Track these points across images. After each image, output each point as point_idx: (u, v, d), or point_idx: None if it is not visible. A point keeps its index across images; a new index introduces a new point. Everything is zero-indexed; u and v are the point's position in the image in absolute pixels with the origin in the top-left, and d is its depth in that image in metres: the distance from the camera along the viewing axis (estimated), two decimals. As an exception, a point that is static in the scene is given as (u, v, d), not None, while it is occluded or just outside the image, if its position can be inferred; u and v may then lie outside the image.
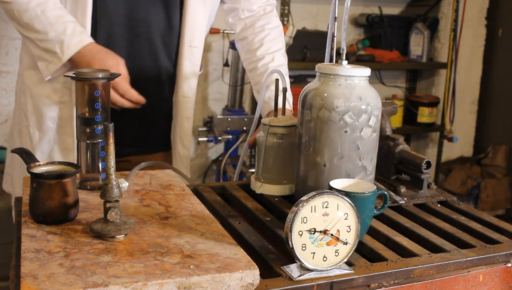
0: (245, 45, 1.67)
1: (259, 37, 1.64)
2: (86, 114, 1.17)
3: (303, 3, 3.46)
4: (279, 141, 1.28)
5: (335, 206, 0.91)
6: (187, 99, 1.59)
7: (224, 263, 0.87)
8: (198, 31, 1.55)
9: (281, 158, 1.29)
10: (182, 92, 1.58)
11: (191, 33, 1.54)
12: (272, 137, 1.28)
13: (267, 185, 1.30)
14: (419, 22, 3.62)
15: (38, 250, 0.89)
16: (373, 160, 1.18)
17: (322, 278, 0.91)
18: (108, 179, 0.94)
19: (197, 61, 1.59)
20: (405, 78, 3.95)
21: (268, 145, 1.28)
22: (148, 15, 1.50)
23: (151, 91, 1.52)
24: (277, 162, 1.29)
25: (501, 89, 3.91)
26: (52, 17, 1.39)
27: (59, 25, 1.39)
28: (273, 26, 1.68)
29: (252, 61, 1.64)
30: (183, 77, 1.57)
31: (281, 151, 1.28)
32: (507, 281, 1.05)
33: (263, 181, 1.30)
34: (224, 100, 3.36)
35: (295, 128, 1.27)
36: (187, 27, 1.53)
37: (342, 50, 1.17)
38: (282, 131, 1.28)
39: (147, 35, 1.52)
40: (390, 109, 1.41)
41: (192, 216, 1.07)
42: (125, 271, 0.83)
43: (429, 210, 1.28)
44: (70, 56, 1.40)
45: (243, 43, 1.69)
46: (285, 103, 1.34)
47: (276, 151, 1.28)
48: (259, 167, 1.31)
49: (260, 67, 1.61)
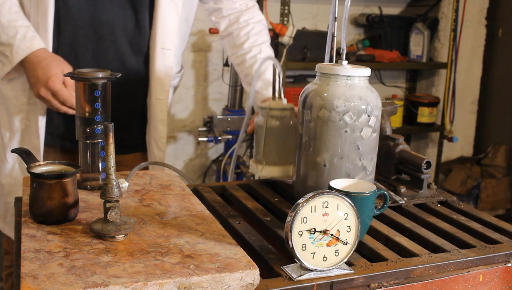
0: (231, 40, 1.69)
1: (244, 31, 1.66)
2: (86, 114, 1.17)
3: (303, 3, 3.46)
4: (278, 123, 1.33)
5: (335, 206, 0.91)
6: (161, 101, 1.59)
7: (224, 263, 0.87)
8: (170, 34, 1.55)
9: (282, 140, 1.34)
10: (156, 94, 1.57)
11: (162, 35, 1.53)
12: (271, 120, 1.34)
13: (269, 167, 1.34)
14: (419, 22, 3.62)
15: (38, 250, 0.89)
16: (373, 160, 1.18)
17: (322, 278, 0.91)
18: (108, 179, 0.94)
19: (170, 63, 1.58)
20: (405, 78, 3.95)
21: (269, 128, 1.33)
22: (113, 17, 1.50)
23: (120, 94, 1.51)
24: (278, 144, 1.34)
25: (501, 89, 3.91)
26: (4, 20, 1.41)
27: (10, 29, 1.40)
28: (257, 20, 1.70)
29: (239, 54, 1.66)
30: (156, 79, 1.56)
31: (281, 133, 1.34)
32: (507, 281, 1.05)
33: (265, 163, 1.34)
34: (224, 100, 3.36)
35: (292, 110, 1.36)
36: (158, 30, 1.52)
37: (342, 50, 1.17)
38: (282, 113, 1.33)
39: (112, 37, 1.51)
40: (390, 109, 1.41)
41: (192, 216, 1.07)
42: (125, 271, 0.83)
43: (429, 210, 1.28)
44: (19, 61, 1.41)
45: (228, 39, 1.71)
46: (280, 88, 1.37)
47: (276, 133, 1.33)
48: (259, 151, 1.36)
49: (248, 59, 1.64)
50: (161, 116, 1.60)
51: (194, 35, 3.19)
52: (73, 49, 1.48)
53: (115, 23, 1.50)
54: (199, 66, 3.26)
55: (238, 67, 1.69)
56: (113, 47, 1.52)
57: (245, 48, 1.65)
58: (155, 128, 1.60)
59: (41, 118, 1.50)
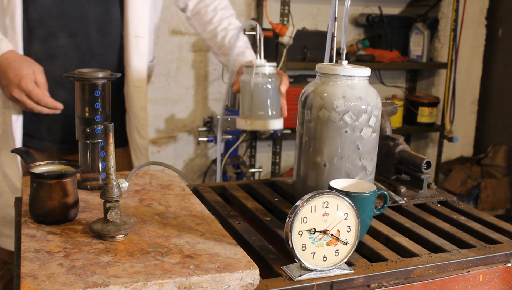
0: (200, 18, 1.74)
1: (211, 7, 1.72)
2: (86, 114, 1.17)
3: (303, 3, 3.46)
4: (263, 79, 1.48)
5: (335, 206, 0.91)
6: (140, 89, 1.60)
7: (224, 263, 0.87)
8: (142, 21, 1.57)
9: (267, 94, 1.46)
10: (134, 82, 1.59)
11: (135, 24, 1.55)
12: (257, 76, 1.48)
13: (257, 121, 1.44)
14: (419, 22, 3.61)
15: (38, 250, 0.89)
16: (373, 160, 1.18)
17: (322, 278, 0.91)
18: (108, 179, 0.94)
19: (145, 50, 1.60)
20: (405, 78, 3.95)
21: (255, 83, 1.45)
22: (83, 12, 1.51)
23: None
24: (263, 99, 1.46)
25: (501, 89, 3.91)
26: None
27: None
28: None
29: (211, 29, 1.71)
30: (132, 67, 1.58)
31: (266, 88, 1.48)
32: (507, 281, 1.05)
33: (254, 118, 1.45)
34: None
35: (276, 67, 1.52)
36: (130, 19, 1.54)
37: (342, 50, 1.17)
38: (266, 70, 1.49)
39: (84, 32, 1.52)
40: (390, 109, 1.41)
41: (192, 216, 1.07)
42: (125, 271, 0.83)
43: (429, 210, 1.28)
44: None
45: (197, 17, 1.75)
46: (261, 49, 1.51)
47: (262, 88, 1.47)
48: (245, 107, 1.48)
49: (220, 32, 1.69)
50: (141, 104, 1.62)
51: (194, 35, 3.19)
52: (45, 47, 1.48)
53: (86, 17, 1.51)
54: (199, 66, 3.26)
55: (211, 41, 1.73)
56: (85, 42, 1.53)
57: (215, 22, 1.71)
58: (135, 116, 1.61)
59: (15, 119, 1.50)
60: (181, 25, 3.14)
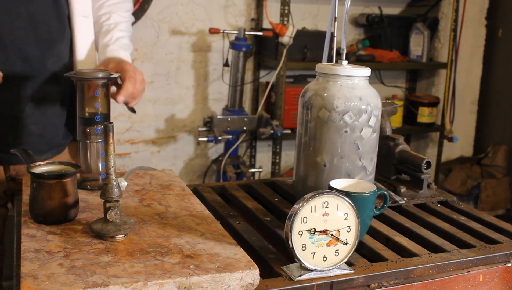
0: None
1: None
2: (86, 114, 1.17)
3: (303, 3, 3.46)
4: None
5: (335, 206, 0.91)
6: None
7: (224, 263, 0.87)
8: (87, 0, 1.52)
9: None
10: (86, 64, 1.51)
11: (81, 3, 1.50)
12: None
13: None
14: (419, 22, 3.61)
15: (38, 250, 0.89)
16: (373, 160, 1.18)
17: (322, 278, 0.91)
18: (108, 179, 0.94)
19: (92, 30, 1.55)
20: (405, 78, 3.95)
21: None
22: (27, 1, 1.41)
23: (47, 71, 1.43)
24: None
25: (501, 89, 3.91)
26: None
27: None
28: None
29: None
30: (84, 48, 1.51)
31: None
32: (507, 281, 1.05)
33: None
34: (224, 100, 3.35)
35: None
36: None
37: (342, 50, 1.17)
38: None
39: (27, 15, 1.41)
40: (390, 109, 1.41)
41: (192, 216, 1.07)
42: (125, 271, 0.83)
43: (429, 210, 1.28)
44: None
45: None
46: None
47: None
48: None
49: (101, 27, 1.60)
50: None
51: (194, 35, 3.19)
52: None
53: (30, 5, 1.42)
54: (199, 66, 3.26)
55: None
56: (30, 27, 1.42)
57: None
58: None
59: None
60: (181, 25, 3.14)
